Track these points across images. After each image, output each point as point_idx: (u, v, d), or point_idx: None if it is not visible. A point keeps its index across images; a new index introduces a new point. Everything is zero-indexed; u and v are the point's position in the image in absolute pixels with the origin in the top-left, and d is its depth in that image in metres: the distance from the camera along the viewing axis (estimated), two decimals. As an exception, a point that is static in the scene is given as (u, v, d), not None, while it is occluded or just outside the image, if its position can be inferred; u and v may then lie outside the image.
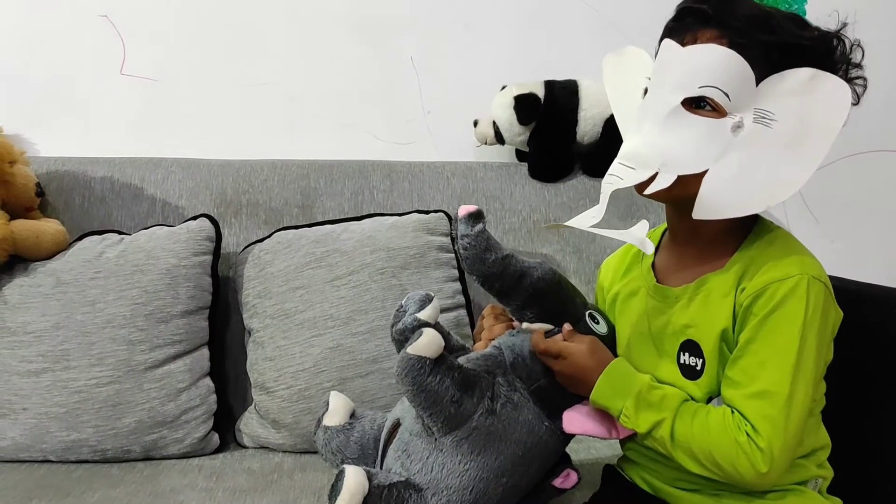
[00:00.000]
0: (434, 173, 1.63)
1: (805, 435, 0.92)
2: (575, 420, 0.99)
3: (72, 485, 1.22)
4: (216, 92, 1.71)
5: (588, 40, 1.70)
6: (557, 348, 0.96)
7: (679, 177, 0.88)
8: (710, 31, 0.88)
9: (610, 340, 1.03)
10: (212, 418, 1.38)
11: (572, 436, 1.02)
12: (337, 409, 1.11)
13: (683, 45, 0.89)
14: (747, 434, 0.86)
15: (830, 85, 0.86)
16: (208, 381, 1.39)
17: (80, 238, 1.45)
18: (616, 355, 0.99)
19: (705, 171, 0.88)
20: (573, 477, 1.05)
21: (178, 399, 1.34)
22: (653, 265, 1.03)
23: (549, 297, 1.00)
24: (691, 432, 0.89)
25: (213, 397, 1.39)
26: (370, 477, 0.93)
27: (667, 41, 0.91)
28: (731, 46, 0.86)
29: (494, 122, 1.64)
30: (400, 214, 1.50)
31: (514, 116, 1.61)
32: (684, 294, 0.96)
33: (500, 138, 1.66)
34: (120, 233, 1.46)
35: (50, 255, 1.41)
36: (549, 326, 1.01)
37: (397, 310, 1.06)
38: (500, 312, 1.11)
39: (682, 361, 0.95)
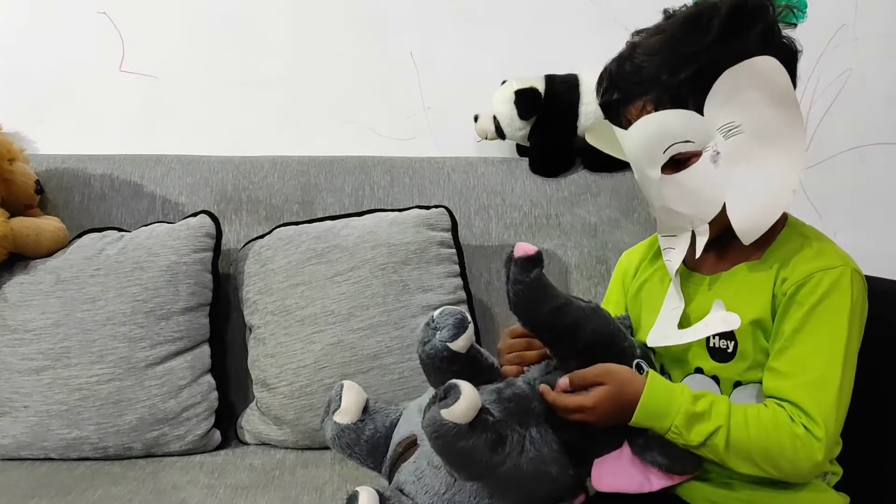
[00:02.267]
0: (435, 169, 1.62)
1: None
2: (605, 478, 0.92)
3: (73, 482, 1.22)
4: (216, 88, 1.71)
5: (588, 34, 1.70)
6: (576, 404, 0.89)
7: (711, 222, 0.92)
8: (634, 105, 0.92)
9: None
10: (213, 415, 1.38)
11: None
12: (349, 407, 1.02)
13: (625, 127, 0.92)
14: (804, 426, 0.85)
15: (752, 69, 0.86)
16: (209, 378, 1.39)
17: (80, 235, 1.45)
18: None
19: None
20: (580, 497, 1.00)
21: (180, 396, 1.34)
22: None
23: (599, 351, 0.93)
24: (748, 436, 0.86)
25: (215, 394, 1.39)
26: (382, 501, 0.90)
27: (615, 128, 0.95)
28: (657, 106, 0.89)
29: (495, 117, 1.64)
30: (400, 210, 1.49)
31: (515, 111, 1.60)
32: (717, 280, 0.96)
33: (500, 133, 1.65)
34: (120, 230, 1.46)
35: (50, 253, 1.41)
36: None
37: (427, 324, 0.98)
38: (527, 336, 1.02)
39: (711, 345, 0.95)
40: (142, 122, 1.70)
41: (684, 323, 0.97)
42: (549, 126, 1.62)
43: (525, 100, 1.60)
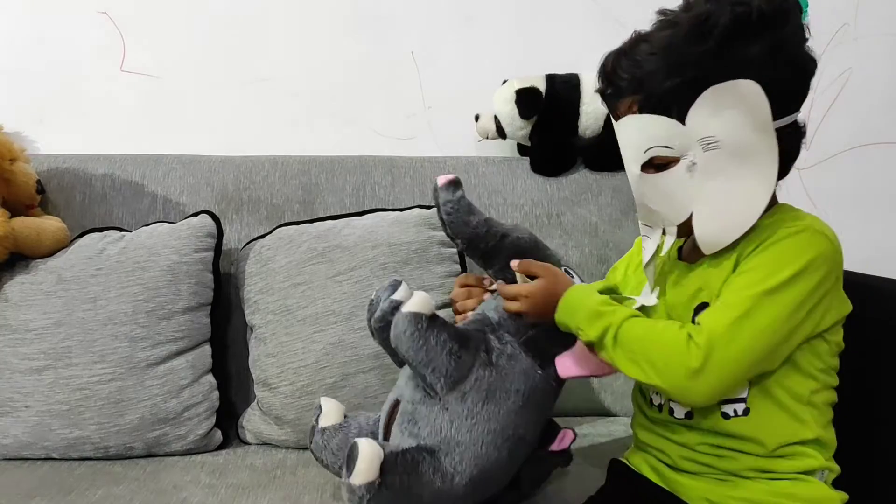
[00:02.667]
0: (435, 168, 1.62)
1: (814, 421, 0.92)
2: (567, 365, 1.03)
3: (74, 482, 1.22)
4: (217, 88, 1.71)
5: (589, 34, 1.70)
6: (514, 291, 1.03)
7: (678, 225, 0.95)
8: (623, 102, 0.94)
9: None
10: (214, 415, 1.38)
11: (562, 385, 1.07)
12: (330, 410, 1.13)
13: (616, 118, 0.96)
14: (689, 334, 0.87)
15: (734, 90, 0.87)
16: (210, 378, 1.39)
17: (81, 235, 1.45)
18: None
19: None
20: (569, 435, 1.09)
21: (181, 396, 1.34)
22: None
23: (528, 254, 1.06)
24: (633, 333, 0.91)
25: (216, 394, 1.39)
26: (382, 447, 0.95)
27: (609, 116, 0.99)
28: (643, 108, 0.91)
29: (496, 117, 1.64)
30: (401, 210, 1.49)
31: (516, 110, 1.60)
32: (699, 265, 0.98)
33: (501, 133, 1.65)
34: (121, 230, 1.46)
35: (51, 253, 1.41)
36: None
37: (369, 304, 1.10)
38: (472, 283, 1.15)
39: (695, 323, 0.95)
40: (143, 121, 1.70)
41: (672, 313, 0.99)
42: (550, 125, 1.62)
43: (526, 99, 1.59)
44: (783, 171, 0.94)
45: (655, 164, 0.93)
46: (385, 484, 0.93)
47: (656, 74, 0.90)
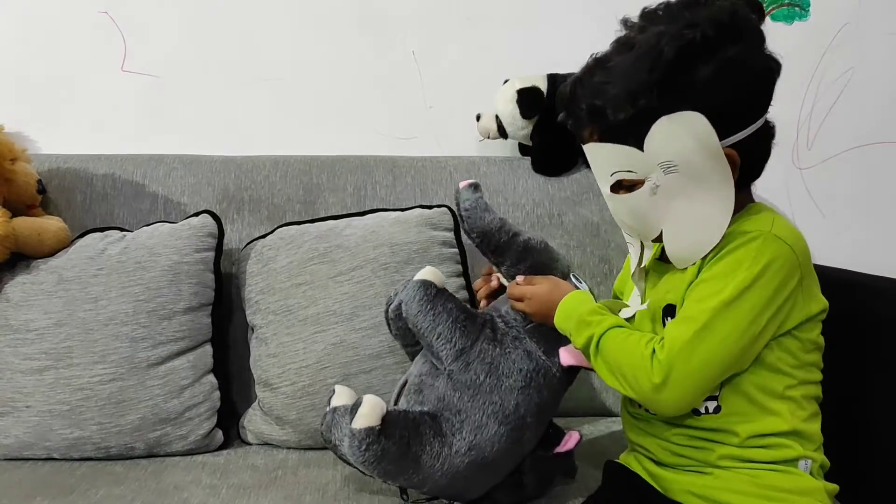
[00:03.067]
0: (437, 168, 1.62)
1: (791, 414, 0.93)
2: (568, 355, 1.07)
3: (75, 482, 1.22)
4: (217, 88, 1.70)
5: (591, 33, 1.67)
6: (520, 291, 1.10)
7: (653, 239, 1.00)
8: (585, 131, 0.98)
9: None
10: (215, 415, 1.37)
11: (570, 378, 1.13)
12: (343, 393, 1.13)
13: (581, 142, 0.99)
14: (653, 350, 0.91)
15: (682, 121, 0.89)
16: (212, 378, 1.39)
17: (82, 235, 1.45)
18: None
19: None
20: (575, 435, 1.12)
21: (182, 396, 1.34)
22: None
23: (538, 253, 1.13)
24: (611, 345, 0.95)
25: (217, 394, 1.39)
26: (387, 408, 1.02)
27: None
28: (602, 137, 0.95)
29: (497, 117, 1.64)
30: (403, 210, 1.49)
31: (517, 110, 1.60)
32: (671, 268, 1.01)
33: (502, 132, 1.65)
34: (122, 230, 1.46)
35: (52, 253, 1.40)
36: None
37: (388, 299, 1.18)
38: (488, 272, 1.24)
39: (665, 325, 0.99)
40: (144, 121, 1.70)
41: (653, 316, 1.02)
42: (551, 125, 1.61)
43: (527, 99, 1.59)
44: (755, 173, 0.97)
45: (624, 185, 0.96)
46: (385, 433, 0.98)
47: (610, 105, 0.92)
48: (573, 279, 1.17)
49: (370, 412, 0.99)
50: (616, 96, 0.91)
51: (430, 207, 1.49)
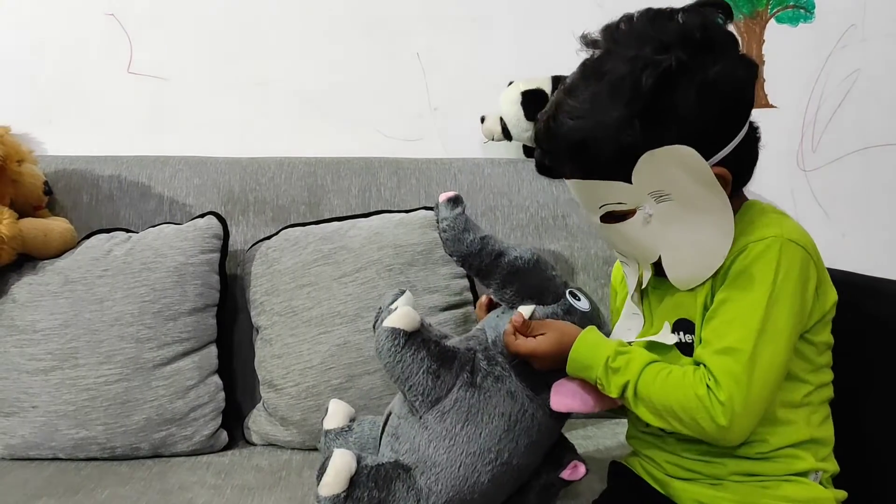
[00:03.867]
0: (441, 170, 1.62)
1: (805, 423, 0.92)
2: (561, 398, 1.00)
3: (81, 482, 1.22)
4: (223, 90, 1.71)
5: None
6: (526, 350, 0.99)
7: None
8: (564, 168, 0.94)
9: (593, 317, 1.06)
10: (220, 416, 1.38)
11: (565, 415, 1.04)
12: (336, 412, 1.13)
13: (563, 178, 0.95)
14: (708, 387, 0.86)
15: (670, 154, 0.86)
16: (216, 379, 1.39)
17: (88, 236, 1.45)
18: (604, 330, 1.02)
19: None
20: (581, 469, 1.06)
21: (187, 396, 1.34)
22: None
23: (527, 274, 1.04)
24: (653, 388, 0.90)
25: (222, 395, 1.39)
26: (359, 459, 0.95)
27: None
28: (585, 174, 0.91)
29: (502, 118, 1.64)
30: (407, 211, 1.49)
31: (522, 112, 1.60)
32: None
33: (507, 134, 1.65)
34: (128, 231, 1.47)
35: (58, 254, 1.41)
36: (532, 307, 1.03)
37: (376, 314, 1.07)
38: (491, 301, 1.14)
39: (680, 341, 0.96)
40: (149, 123, 1.70)
41: (656, 324, 0.99)
42: (555, 127, 1.61)
43: (532, 101, 1.59)
44: (746, 178, 0.95)
45: (614, 215, 0.93)
46: (352, 497, 0.93)
47: (591, 142, 0.88)
48: (570, 299, 1.06)
49: (334, 480, 0.92)
50: (594, 134, 0.87)
51: (434, 209, 1.49)
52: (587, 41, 0.94)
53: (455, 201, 1.04)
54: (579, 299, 1.07)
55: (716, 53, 0.87)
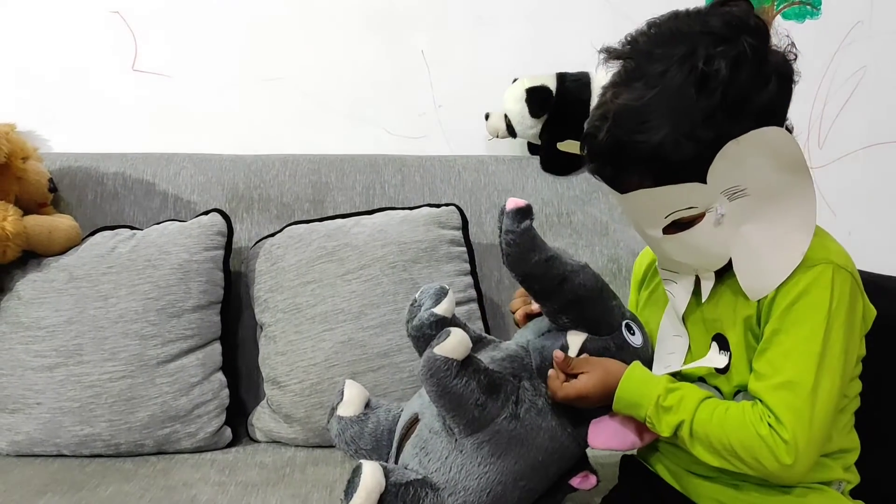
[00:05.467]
0: (445, 167, 1.62)
1: (835, 432, 0.91)
2: (600, 435, 0.96)
3: (85, 479, 1.23)
4: (227, 87, 1.71)
5: (600, 32, 1.65)
6: (573, 395, 0.94)
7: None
8: (630, 179, 0.87)
9: (644, 352, 1.00)
10: (224, 413, 1.38)
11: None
12: (352, 400, 1.08)
13: (621, 192, 0.88)
14: (769, 425, 0.84)
15: (758, 139, 0.83)
16: (220, 376, 1.40)
17: (93, 233, 1.46)
18: (648, 365, 0.98)
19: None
20: (591, 480, 1.03)
21: (191, 393, 1.34)
22: None
23: (587, 304, 0.97)
24: (710, 427, 0.87)
25: (226, 392, 1.39)
26: (387, 474, 0.92)
27: (608, 188, 0.90)
28: (657, 182, 0.85)
29: (506, 115, 1.64)
30: (411, 208, 1.49)
31: (526, 109, 1.60)
32: (714, 292, 0.94)
33: (511, 131, 1.65)
34: (132, 228, 1.47)
35: (63, 251, 1.41)
36: (582, 336, 0.97)
37: (411, 304, 1.04)
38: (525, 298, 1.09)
39: (727, 363, 0.93)
40: (154, 120, 1.71)
41: (693, 340, 0.97)
42: (560, 124, 1.61)
43: (536, 98, 1.59)
44: None
45: (679, 224, 0.88)
46: None
47: (665, 146, 0.82)
48: (625, 332, 0.99)
49: (366, 499, 0.88)
50: (670, 134, 0.81)
51: (438, 206, 1.49)
52: (613, 54, 0.89)
53: (524, 213, 0.92)
54: (634, 333, 1.00)
55: (768, 39, 0.86)
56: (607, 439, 0.96)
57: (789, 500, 0.90)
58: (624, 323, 0.99)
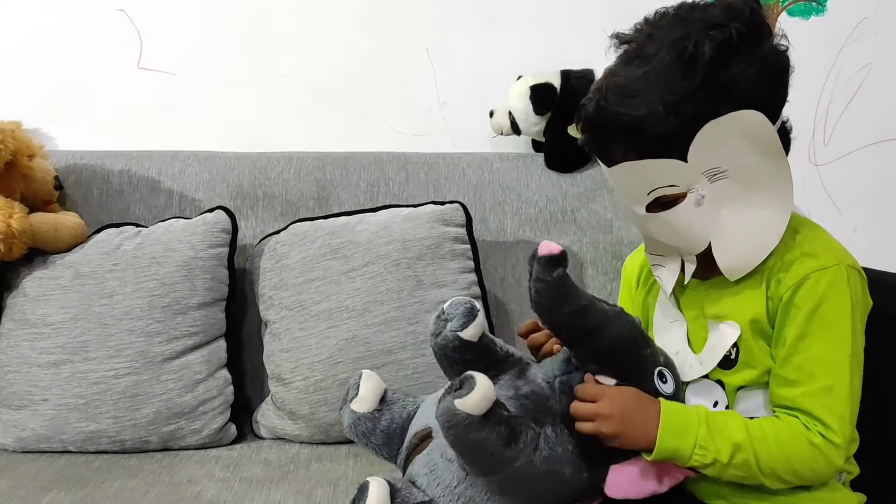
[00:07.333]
0: (450, 164, 1.62)
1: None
2: (619, 483, 0.92)
3: (91, 475, 1.23)
4: (232, 85, 1.71)
5: (604, 29, 1.67)
6: (588, 412, 0.89)
7: (697, 255, 0.92)
8: (616, 151, 0.89)
9: (675, 399, 0.94)
10: (229, 409, 1.38)
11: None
12: (367, 396, 1.04)
13: (608, 165, 0.91)
14: (821, 434, 0.85)
15: (736, 121, 0.85)
16: (225, 373, 1.40)
17: (98, 231, 1.46)
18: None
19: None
20: (596, 501, 1.00)
21: (196, 390, 1.35)
22: None
23: (619, 354, 0.92)
24: (771, 453, 0.86)
25: (230, 388, 1.40)
26: (393, 494, 0.91)
27: (597, 159, 0.93)
28: (639, 154, 0.87)
29: (510, 113, 1.64)
30: (415, 206, 1.49)
31: (531, 106, 1.60)
32: (715, 285, 0.95)
33: (516, 129, 1.65)
34: (137, 225, 1.47)
35: (68, 248, 1.42)
36: (611, 383, 0.92)
37: (438, 315, 1.00)
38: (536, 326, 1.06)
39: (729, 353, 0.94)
40: (159, 118, 1.71)
41: (690, 333, 0.97)
42: (564, 121, 1.61)
43: (540, 95, 1.59)
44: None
45: (661, 202, 0.89)
46: None
47: (648, 118, 0.85)
48: (657, 381, 0.93)
49: None
50: (654, 107, 0.84)
51: (442, 203, 1.49)
52: (621, 38, 0.92)
53: (558, 261, 0.87)
54: (666, 381, 0.94)
55: (765, 34, 0.88)
56: (625, 488, 0.91)
57: (792, 492, 0.90)
58: (656, 371, 0.94)
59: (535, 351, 1.05)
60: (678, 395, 0.95)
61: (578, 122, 0.93)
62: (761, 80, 0.86)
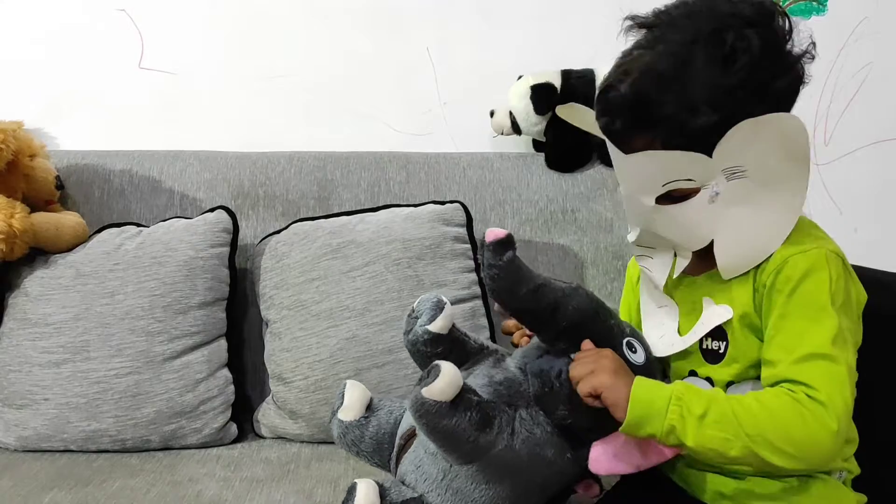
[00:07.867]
0: (450, 164, 1.62)
1: None
2: (602, 462, 0.92)
3: (92, 474, 1.24)
4: (233, 84, 1.71)
5: (605, 29, 1.67)
6: (590, 390, 0.88)
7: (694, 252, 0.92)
8: (640, 138, 0.87)
9: (647, 369, 0.95)
10: (230, 409, 1.39)
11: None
12: (352, 404, 1.06)
13: (625, 152, 0.88)
14: (806, 395, 0.81)
15: (776, 123, 0.84)
16: (226, 372, 1.40)
17: (100, 230, 1.46)
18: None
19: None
20: (595, 489, 1.02)
21: (197, 390, 1.35)
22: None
23: (583, 328, 0.92)
24: (753, 413, 0.82)
25: (231, 388, 1.40)
26: (383, 493, 0.92)
27: (611, 146, 0.90)
28: (666, 145, 0.85)
29: (511, 113, 1.64)
30: (416, 205, 1.49)
31: (531, 106, 1.60)
32: (707, 281, 0.95)
33: (516, 128, 1.65)
34: (138, 225, 1.48)
35: (70, 248, 1.42)
36: None
37: (409, 315, 1.02)
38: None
39: (704, 346, 0.94)
40: (160, 118, 1.71)
41: (681, 329, 0.96)
42: (565, 121, 1.61)
43: (541, 95, 1.59)
44: None
45: (672, 196, 0.88)
46: None
47: (685, 111, 0.83)
48: (626, 351, 0.93)
49: None
50: (693, 100, 0.82)
51: (443, 203, 1.49)
52: (637, 21, 0.90)
53: (505, 244, 0.88)
54: (635, 351, 0.95)
55: (792, 32, 0.87)
56: (610, 464, 0.91)
57: (792, 488, 0.90)
58: (624, 341, 0.95)
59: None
60: (649, 367, 0.95)
61: (601, 104, 0.90)
62: (792, 85, 0.86)
